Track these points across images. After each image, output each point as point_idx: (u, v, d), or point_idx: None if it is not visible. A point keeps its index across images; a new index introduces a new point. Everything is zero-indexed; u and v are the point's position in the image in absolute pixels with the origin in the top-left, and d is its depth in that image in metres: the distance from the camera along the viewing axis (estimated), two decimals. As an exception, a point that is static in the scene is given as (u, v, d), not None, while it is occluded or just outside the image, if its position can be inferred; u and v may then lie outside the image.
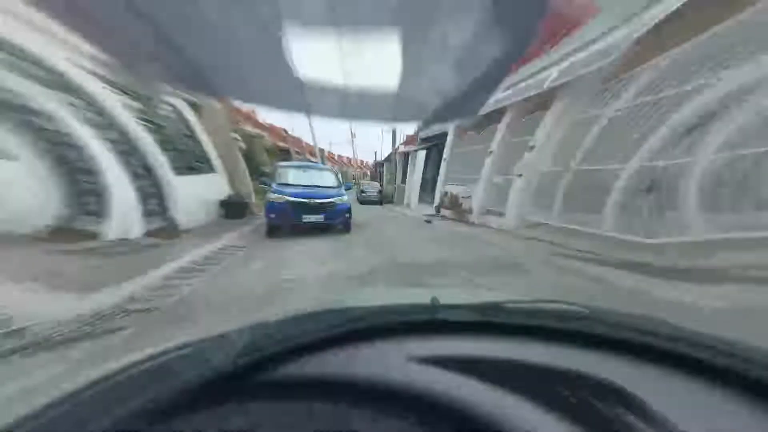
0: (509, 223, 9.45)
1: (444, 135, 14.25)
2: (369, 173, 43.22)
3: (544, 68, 9.11)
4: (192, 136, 9.92)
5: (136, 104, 8.00)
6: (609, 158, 7.38)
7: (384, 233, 9.08)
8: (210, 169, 10.35)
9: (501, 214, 9.88)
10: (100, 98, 7.00)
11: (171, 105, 9.51)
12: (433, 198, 15.43)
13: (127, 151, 7.34)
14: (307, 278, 5.41)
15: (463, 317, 1.19)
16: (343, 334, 1.11)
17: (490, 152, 10.67)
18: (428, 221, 11.96)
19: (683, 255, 5.87)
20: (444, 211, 12.91)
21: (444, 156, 13.97)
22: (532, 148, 9.10)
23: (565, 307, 1.32)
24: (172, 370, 1.02)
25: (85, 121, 6.68)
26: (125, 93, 7.68)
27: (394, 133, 24.47)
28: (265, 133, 19.36)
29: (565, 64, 8.39)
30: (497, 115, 10.59)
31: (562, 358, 1.10)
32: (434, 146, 18.00)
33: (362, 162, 61.35)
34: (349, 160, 55.11)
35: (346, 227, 9.45)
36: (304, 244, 7.74)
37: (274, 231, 8.89)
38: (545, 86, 8.42)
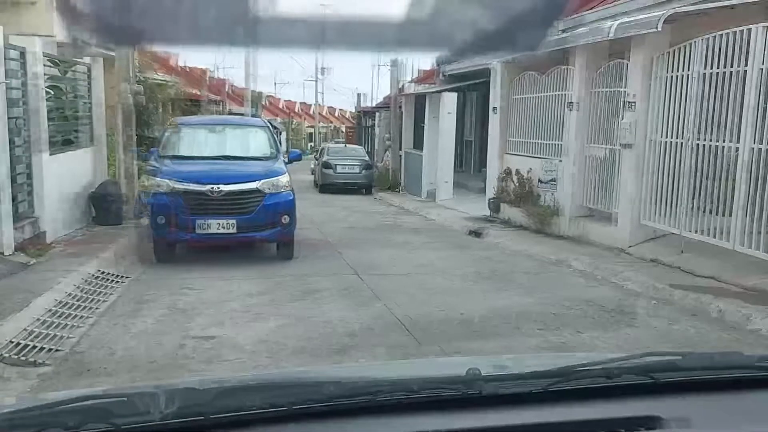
0: (621, 233, 8.53)
1: (486, 71, 12.59)
2: (344, 131, 40.25)
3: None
4: (88, 98, 9.84)
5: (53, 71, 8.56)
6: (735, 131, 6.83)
7: (369, 277, 7.11)
8: (89, 140, 9.92)
9: (607, 217, 8.90)
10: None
11: (85, 65, 9.70)
12: (479, 181, 13.85)
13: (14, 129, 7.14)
14: (237, 340, 4.76)
15: (520, 388, 1.28)
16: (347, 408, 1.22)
17: (571, 104, 9.56)
18: (476, 233, 10.72)
19: None
20: (506, 209, 11.41)
21: (493, 105, 12.27)
22: (630, 105, 8.15)
23: (652, 359, 1.45)
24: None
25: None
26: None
27: (394, 65, 19.78)
28: (172, 79, 18.27)
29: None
30: (560, 52, 9.49)
31: (648, 409, 1.22)
32: (472, 88, 15.99)
33: (336, 113, 58.72)
34: (307, 110, 52.40)
35: (285, 249, 7.94)
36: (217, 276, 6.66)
37: (163, 249, 7.61)
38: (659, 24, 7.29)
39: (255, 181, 7.66)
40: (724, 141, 6.98)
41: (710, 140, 7.18)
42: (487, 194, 12.28)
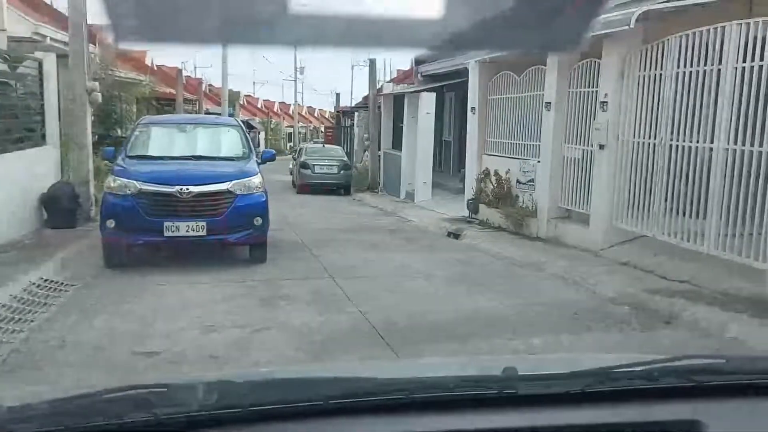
0: (594, 235, 8.41)
1: (464, 71, 12.45)
2: (323, 131, 40.34)
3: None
4: (40, 95, 9.49)
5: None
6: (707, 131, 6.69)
7: (344, 281, 6.93)
8: (40, 139, 9.53)
9: (584, 219, 8.81)
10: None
11: (36, 60, 9.36)
12: (458, 182, 13.74)
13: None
14: (187, 356, 4.45)
15: (557, 389, 1.24)
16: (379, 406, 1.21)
17: (548, 104, 9.45)
18: (454, 234, 10.60)
19: None
20: (484, 210, 11.25)
21: (471, 105, 12.12)
22: (604, 105, 8.04)
23: (693, 362, 1.45)
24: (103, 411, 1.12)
25: None
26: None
27: (371, 64, 19.25)
28: (144, 77, 17.96)
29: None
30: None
31: (689, 413, 1.19)
32: (451, 88, 15.80)
33: (315, 113, 58.45)
34: (287, 109, 52.07)
35: (258, 252, 7.69)
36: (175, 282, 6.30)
37: (113, 254, 7.24)
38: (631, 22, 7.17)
39: (226, 182, 7.42)
40: (698, 141, 6.86)
41: (684, 141, 7.07)
42: (466, 195, 12.14)
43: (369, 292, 6.44)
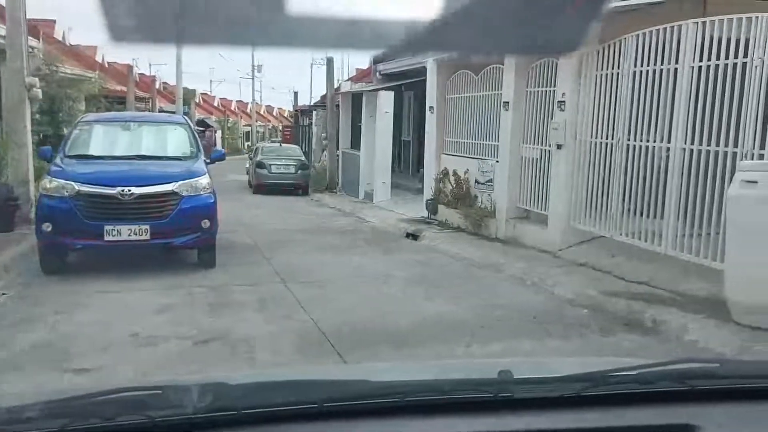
0: (552, 235, 8.27)
1: (422, 70, 12.27)
2: (281, 131, 39.66)
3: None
4: None
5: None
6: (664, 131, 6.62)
7: (297, 285, 6.54)
8: None
9: (543, 219, 8.68)
10: None
11: None
12: (417, 182, 13.51)
13: None
14: (120, 373, 4.13)
15: (553, 392, 1.25)
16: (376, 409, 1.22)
17: (506, 103, 9.30)
18: (413, 235, 10.35)
19: None
20: (443, 211, 11.02)
21: (429, 104, 11.95)
22: (561, 104, 7.93)
23: (688, 366, 1.45)
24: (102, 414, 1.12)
25: None
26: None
27: (329, 63, 18.91)
28: (94, 74, 17.30)
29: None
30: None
31: (684, 417, 1.20)
32: (409, 87, 15.66)
33: (274, 111, 57.61)
34: (244, 108, 51.15)
35: (206, 256, 7.33)
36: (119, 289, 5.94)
37: (51, 260, 6.83)
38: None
39: (171, 182, 7.04)
40: (655, 141, 6.80)
41: (642, 140, 6.99)
42: (425, 195, 11.96)
43: (322, 297, 6.15)
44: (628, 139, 7.17)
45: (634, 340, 5.03)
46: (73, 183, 6.79)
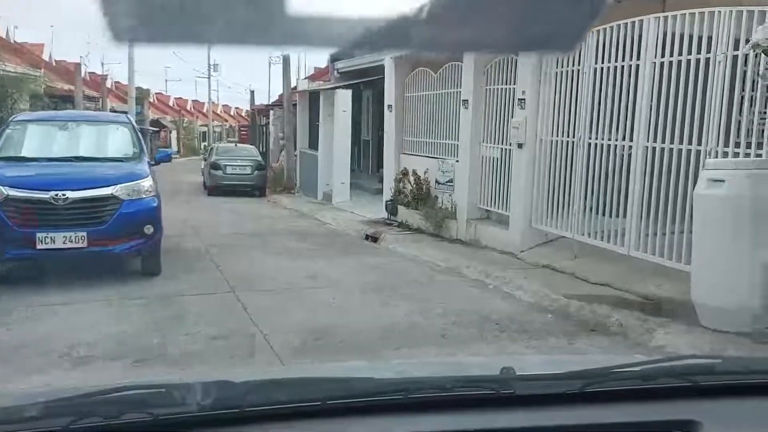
0: (514, 236, 8.03)
1: (381, 68, 11.95)
2: (238, 130, 38.91)
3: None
4: None
5: None
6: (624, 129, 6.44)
7: (248, 295, 6.12)
8: None
9: (504, 220, 8.44)
10: None
11: None
12: (377, 182, 13.22)
13: None
14: None
15: (555, 389, 1.25)
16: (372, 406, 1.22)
17: (465, 101, 9.02)
18: (372, 237, 10.02)
19: None
20: (403, 212, 10.68)
21: (387, 102, 11.63)
22: (521, 102, 7.71)
23: (690, 362, 1.51)
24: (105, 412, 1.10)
25: None
26: None
27: (285, 61, 18.47)
28: (39, 72, 16.48)
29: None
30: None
31: (686, 413, 1.21)
32: (368, 86, 15.38)
33: (231, 111, 56.49)
34: (201, 108, 49.97)
35: (151, 263, 6.87)
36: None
37: None
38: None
39: (110, 185, 6.55)
40: (617, 139, 6.61)
41: (603, 139, 6.81)
42: (385, 196, 11.63)
43: (274, 308, 5.75)
44: (590, 138, 6.98)
45: (601, 347, 4.79)
46: (1, 187, 6.23)
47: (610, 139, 6.71)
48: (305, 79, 18.89)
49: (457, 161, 9.48)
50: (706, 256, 4.76)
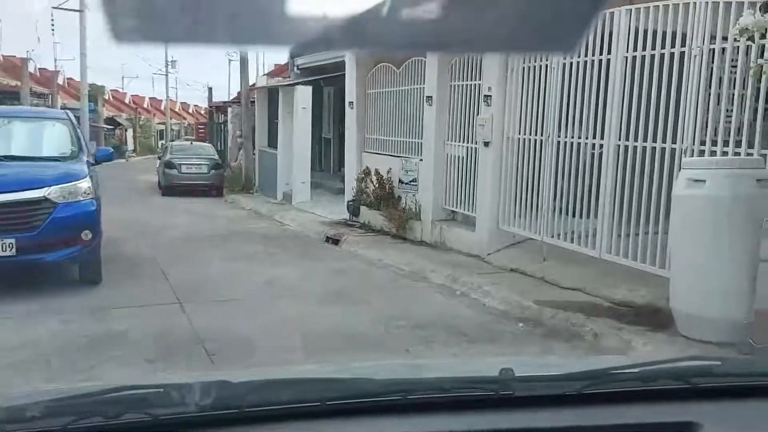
0: (480, 238, 7.65)
1: (342, 64, 11.56)
2: (195, 128, 37.85)
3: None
4: None
5: None
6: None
7: (196, 307, 5.59)
8: None
9: (469, 220, 8.08)
10: None
11: None
12: (339, 182, 12.82)
13: None
14: None
15: (554, 390, 1.24)
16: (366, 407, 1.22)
17: (429, 98, 8.64)
18: (333, 240, 9.59)
19: None
20: (366, 212, 10.28)
21: (348, 99, 11.22)
22: (487, 99, 7.36)
23: (689, 364, 1.47)
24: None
25: None
26: None
27: (243, 58, 18.20)
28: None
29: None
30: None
31: (685, 415, 1.20)
32: (329, 82, 15.07)
33: (190, 109, 55.25)
34: (158, 105, 48.58)
35: (89, 272, 6.29)
36: None
37: None
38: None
39: (43, 187, 5.93)
40: (587, 138, 6.31)
41: (573, 137, 6.50)
42: (346, 196, 11.21)
43: (225, 324, 5.22)
44: (559, 136, 6.66)
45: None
46: None
47: (580, 138, 6.40)
48: (264, 75, 18.27)
49: (421, 160, 9.10)
50: (685, 261, 4.46)
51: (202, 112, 41.55)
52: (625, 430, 1.19)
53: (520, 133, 7.21)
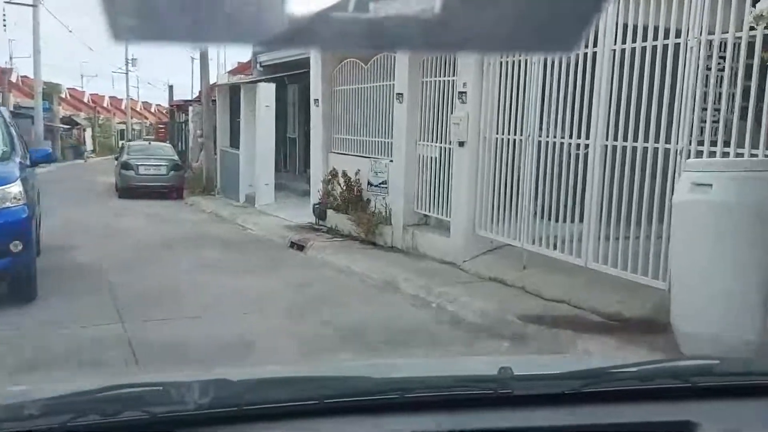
0: (455, 244, 7.15)
1: (307, 61, 11.02)
2: (155, 128, 36.63)
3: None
4: None
5: None
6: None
7: (141, 327, 4.98)
8: None
9: (442, 224, 7.59)
10: None
11: None
12: (304, 183, 12.35)
13: None
14: None
15: (552, 389, 1.23)
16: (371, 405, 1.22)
17: (400, 95, 8.12)
18: (298, 245, 8.99)
19: None
20: (333, 216, 9.72)
21: (314, 97, 10.59)
22: (462, 96, 6.85)
23: (687, 363, 1.56)
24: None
25: None
26: None
27: (203, 54, 17.67)
28: None
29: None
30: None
31: (683, 414, 1.20)
32: (294, 80, 14.53)
33: (152, 108, 53.89)
34: (119, 104, 47.15)
35: (21, 287, 5.64)
36: None
37: None
38: None
39: None
40: (571, 137, 5.84)
41: (555, 136, 6.03)
42: (312, 199, 10.60)
43: (172, 347, 4.56)
44: (540, 135, 6.19)
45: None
46: None
47: (563, 137, 5.93)
48: (227, 73, 17.52)
49: (392, 161, 8.56)
50: (688, 273, 4.01)
51: (164, 111, 40.38)
52: (623, 429, 1.19)
53: (497, 133, 6.72)
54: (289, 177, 15.51)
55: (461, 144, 7.09)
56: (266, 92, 13.04)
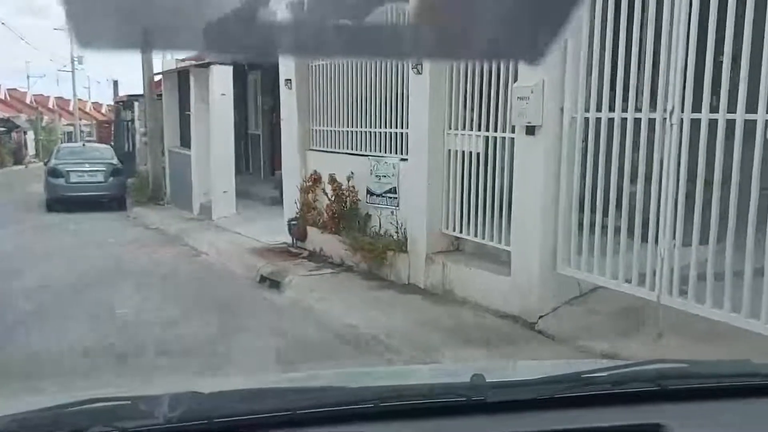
0: (522, 288, 4.62)
1: None
2: (97, 128, 33.26)
3: None
4: None
5: None
6: None
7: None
8: None
9: (485, 252, 5.33)
10: None
11: None
12: (272, 189, 10.61)
13: None
14: None
15: (525, 395, 1.23)
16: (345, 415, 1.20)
17: (417, 64, 5.42)
18: (272, 281, 6.36)
19: None
20: (316, 236, 7.19)
21: (286, 77, 7.96)
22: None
23: (659, 366, 1.45)
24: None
25: None
26: None
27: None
28: None
29: None
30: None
31: (656, 417, 1.19)
32: (253, 66, 12.53)
33: (102, 108, 50.37)
34: (66, 105, 43.60)
35: None
36: None
37: None
38: None
39: None
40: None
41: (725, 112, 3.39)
42: (287, 212, 7.91)
43: None
44: (690, 111, 3.54)
45: None
46: None
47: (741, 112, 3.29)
48: (174, 59, 14.58)
49: (404, 160, 5.86)
50: None
51: (110, 108, 36.94)
52: None
53: (599, 110, 4.05)
54: (253, 181, 13.08)
55: (530, 130, 4.39)
56: (221, 77, 10.60)
